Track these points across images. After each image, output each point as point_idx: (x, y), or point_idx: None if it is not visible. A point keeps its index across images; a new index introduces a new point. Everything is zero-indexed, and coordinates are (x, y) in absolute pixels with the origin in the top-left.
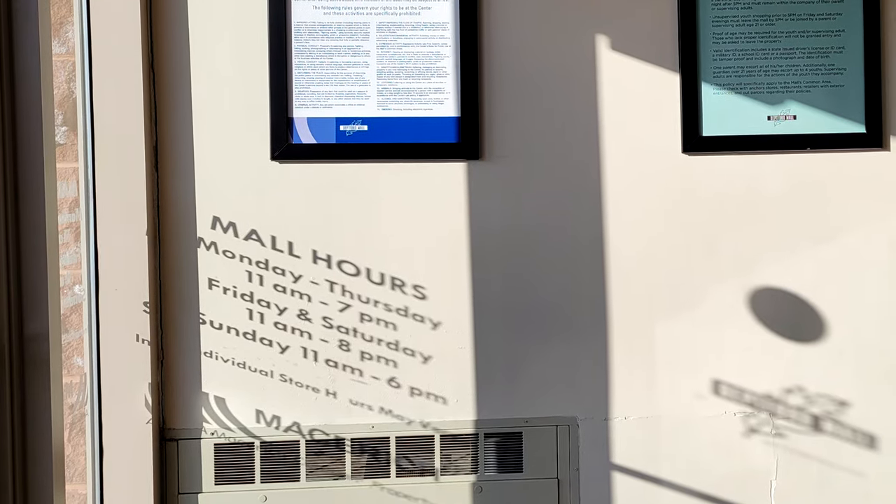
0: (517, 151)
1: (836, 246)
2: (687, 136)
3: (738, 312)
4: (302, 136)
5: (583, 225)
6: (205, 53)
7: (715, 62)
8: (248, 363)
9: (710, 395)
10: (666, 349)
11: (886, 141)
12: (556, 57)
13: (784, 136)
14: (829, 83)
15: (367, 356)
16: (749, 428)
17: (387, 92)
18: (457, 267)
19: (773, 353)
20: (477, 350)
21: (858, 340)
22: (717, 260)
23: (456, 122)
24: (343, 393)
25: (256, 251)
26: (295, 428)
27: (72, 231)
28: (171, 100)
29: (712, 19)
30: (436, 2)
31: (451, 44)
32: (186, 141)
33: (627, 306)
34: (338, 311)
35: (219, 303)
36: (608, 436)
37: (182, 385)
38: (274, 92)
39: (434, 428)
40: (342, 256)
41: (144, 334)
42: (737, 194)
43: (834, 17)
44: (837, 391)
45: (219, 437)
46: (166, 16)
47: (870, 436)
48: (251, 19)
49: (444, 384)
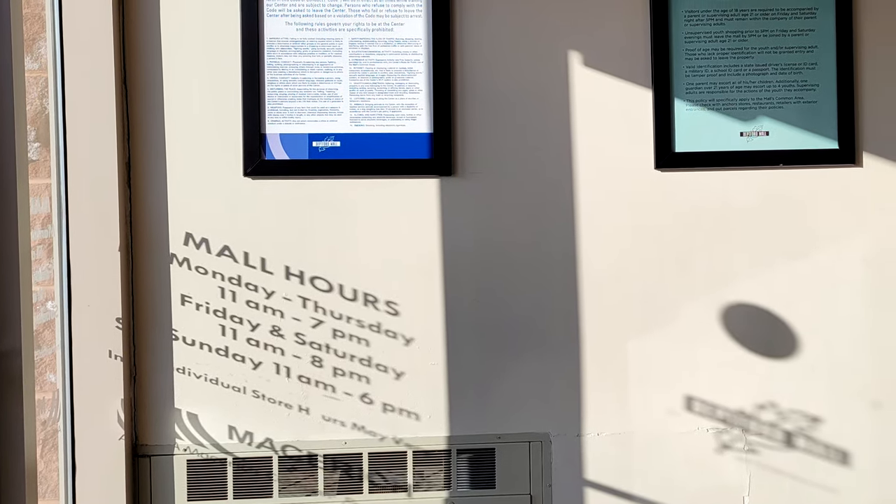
0: (490, 167)
1: (809, 262)
2: (659, 153)
3: (710, 328)
4: (275, 152)
5: (555, 241)
6: (177, 69)
7: (688, 78)
8: (220, 379)
9: (683, 411)
10: (638, 365)
11: (859, 157)
12: (529, 73)
13: (757, 152)
14: (801, 99)
15: (340, 372)
16: (722, 444)
17: (359, 108)
18: (429, 283)
19: (746, 369)
20: (450, 366)
21: (831, 356)
22: (689, 276)
23: (428, 138)
24: (316, 409)
25: (229, 267)
26: (268, 444)
27: (44, 247)
28: (144, 116)
29: (685, 35)
30: (408, 18)
31: (423, 60)
32: (159, 157)
33: (600, 322)
34: (310, 328)
35: (191, 319)
36: (581, 452)
37: (155, 401)
38: (246, 108)
39: (407, 444)
40: (315, 272)
41: (117, 350)
42: (709, 210)
43: (806, 34)
44: (810, 407)
45: (191, 454)
46: (139, 31)
47: (842, 452)
48: (224, 35)
49: (416, 400)
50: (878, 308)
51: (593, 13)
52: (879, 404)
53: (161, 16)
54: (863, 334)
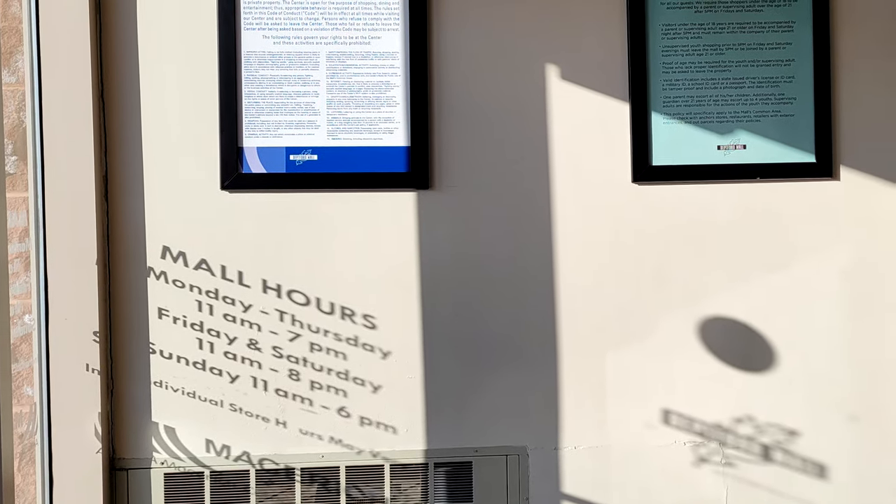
0: (467, 181)
1: (787, 275)
2: (637, 166)
3: (688, 342)
4: (252, 166)
5: (533, 255)
6: (155, 82)
7: (665, 91)
8: (197, 392)
9: (660, 424)
10: (616, 379)
11: (836, 170)
12: (507, 86)
13: (734, 166)
14: (779, 112)
15: (318, 385)
16: (699, 457)
17: (337, 121)
18: (407, 296)
19: (724, 382)
20: (427, 379)
21: (808, 370)
22: (667, 290)
23: (406, 151)
24: (293, 422)
25: (206, 281)
26: (245, 457)
27: (21, 261)
28: (121, 129)
29: (662, 49)
30: (385, 32)
31: (400, 73)
32: (136, 170)
33: (577, 335)
34: (288, 341)
35: (169, 332)
36: (558, 465)
37: (132, 414)
38: (224, 121)
39: (384, 457)
40: (292, 286)
41: (94, 364)
42: (687, 224)
43: (784, 47)
44: (787, 420)
45: (169, 467)
46: (116, 45)
47: (819, 465)
48: (201, 49)
49: (394, 413)
50: (856, 321)
51: (571, 26)
52: (857, 418)
53: (138, 29)
54: (840, 347)
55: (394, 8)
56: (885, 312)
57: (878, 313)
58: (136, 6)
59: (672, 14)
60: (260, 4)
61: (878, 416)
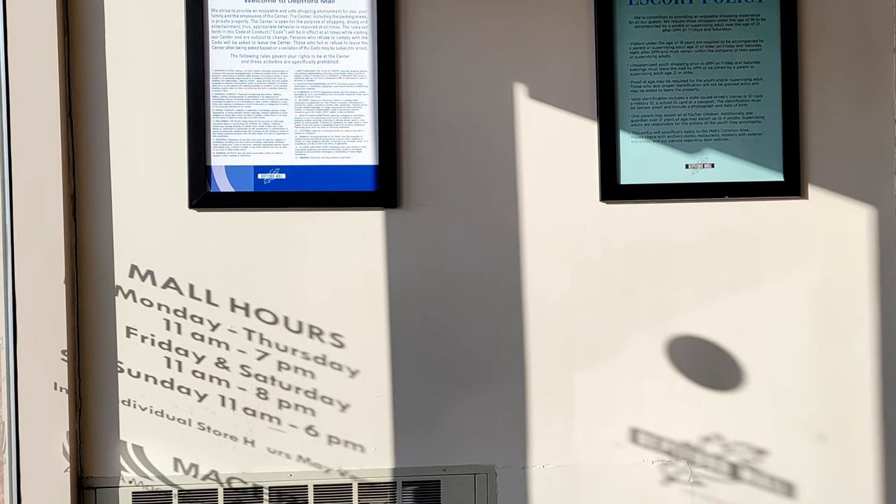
0: (435, 200)
1: (755, 294)
2: (605, 185)
3: (656, 360)
4: (220, 185)
5: (501, 273)
6: (123, 100)
7: (633, 110)
8: (165, 411)
9: (628, 443)
10: (584, 397)
11: (804, 189)
12: (475, 105)
13: (702, 185)
14: (746, 131)
15: (285, 404)
16: (667, 476)
17: (305, 140)
18: (375, 315)
19: (692, 401)
20: (395, 398)
21: (776, 389)
22: (635, 308)
23: (374, 170)
24: (261, 441)
25: (174, 299)
26: (213, 476)
27: None
28: (89, 148)
29: (630, 67)
30: (353, 50)
31: (368, 92)
32: (104, 189)
33: (546, 354)
34: (256, 360)
35: (137, 351)
36: (526, 484)
37: (100, 433)
38: (192, 140)
39: (352, 476)
40: (260, 304)
41: (62, 382)
42: (655, 243)
43: (752, 66)
44: (755, 439)
45: (137, 486)
46: (84, 63)
47: (788, 484)
48: (169, 66)
49: (361, 432)
50: (824, 340)
51: (539, 45)
52: (824, 437)
53: (106, 47)
54: (808, 366)
55: (362, 27)
56: (853, 331)
57: (846, 332)
58: (105, 25)
59: (640, 33)
60: (228, 23)
61: (846, 435)
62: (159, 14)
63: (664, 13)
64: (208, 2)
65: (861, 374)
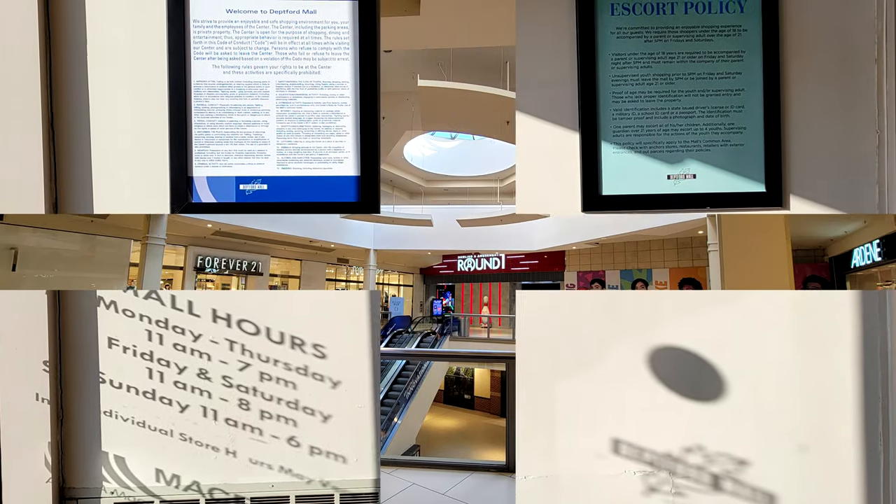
0: None
1: (737, 305)
2: (587, 195)
3: (638, 372)
4: (202, 195)
5: None
6: (104, 111)
7: (615, 121)
8: (147, 422)
9: (610, 454)
10: (566, 408)
11: (786, 200)
12: None
13: (684, 195)
14: (728, 142)
15: (267, 415)
16: (649, 487)
17: (287, 151)
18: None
19: (673, 411)
20: (377, 409)
21: (758, 399)
22: (617, 319)
23: (356, 180)
24: (243, 452)
25: (156, 310)
26: (195, 487)
27: None
28: (71, 158)
29: (612, 78)
30: (335, 61)
31: (350, 103)
32: (86, 200)
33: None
34: (238, 370)
35: (119, 362)
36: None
37: (82, 444)
38: (174, 151)
39: (334, 486)
40: (242, 315)
41: (44, 393)
42: None
43: (734, 77)
44: (737, 450)
45: (118, 496)
46: (66, 74)
47: (769, 494)
48: (151, 77)
49: (343, 443)
50: (806, 352)
51: (521, 56)
52: (806, 447)
53: (88, 58)
54: (790, 377)
55: (343, 38)
56: (835, 342)
57: (828, 343)
58: (87, 35)
59: (622, 44)
60: (210, 34)
61: (828, 446)
62: (141, 25)
63: (646, 24)
64: (190, 12)
65: (843, 386)
